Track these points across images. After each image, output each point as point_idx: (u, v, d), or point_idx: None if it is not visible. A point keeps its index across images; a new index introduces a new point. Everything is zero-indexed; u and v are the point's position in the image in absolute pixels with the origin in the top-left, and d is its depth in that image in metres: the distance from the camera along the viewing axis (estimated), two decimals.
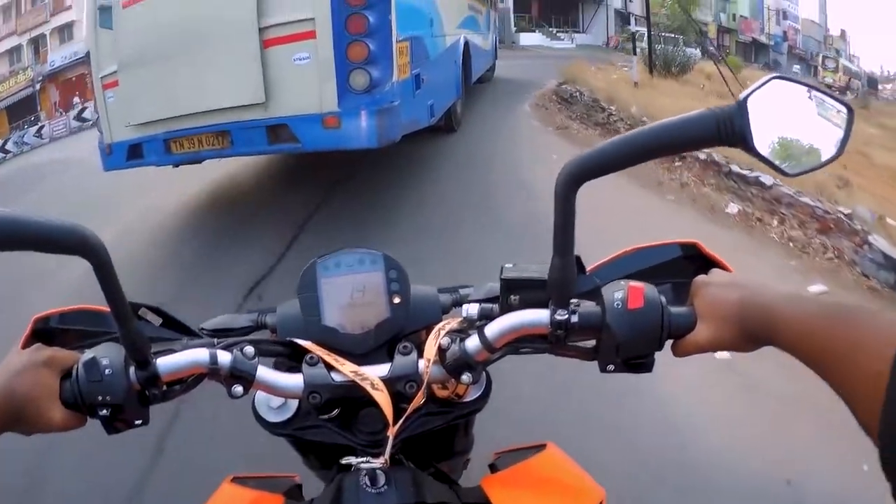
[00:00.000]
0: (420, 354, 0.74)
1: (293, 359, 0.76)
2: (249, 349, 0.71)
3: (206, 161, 5.03)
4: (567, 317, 0.68)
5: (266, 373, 0.71)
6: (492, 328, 0.71)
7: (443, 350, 0.72)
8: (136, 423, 0.70)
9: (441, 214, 4.80)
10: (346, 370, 0.72)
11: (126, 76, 4.59)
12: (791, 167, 0.62)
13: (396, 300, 0.79)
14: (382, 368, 0.73)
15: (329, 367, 0.73)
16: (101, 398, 0.66)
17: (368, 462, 0.71)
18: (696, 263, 0.81)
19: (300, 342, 0.75)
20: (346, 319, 0.78)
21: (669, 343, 0.69)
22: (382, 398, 0.70)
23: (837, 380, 0.52)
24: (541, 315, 0.69)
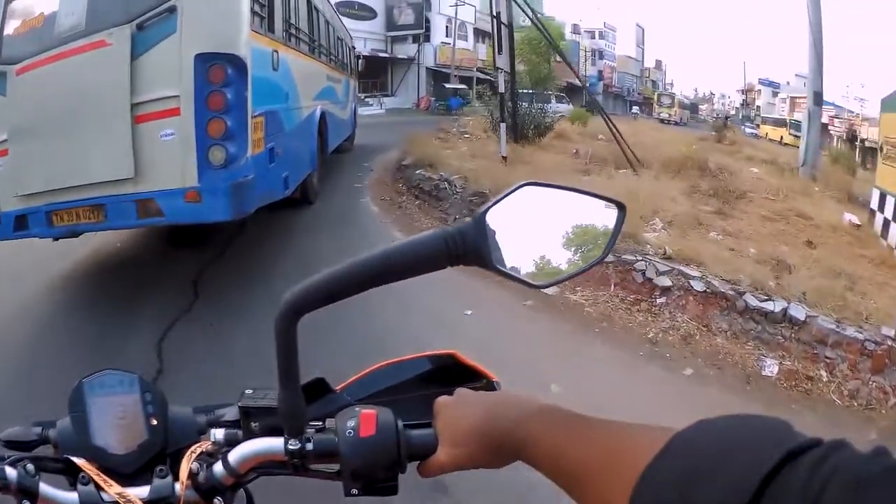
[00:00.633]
0: (177, 477, 0.74)
1: (73, 474, 0.76)
2: (31, 467, 0.71)
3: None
4: (300, 446, 0.69)
5: (48, 490, 0.72)
6: (233, 455, 0.72)
7: (194, 474, 0.73)
8: None
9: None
10: (113, 491, 0.72)
11: (15, 145, 4.61)
12: (540, 278, 0.61)
13: (153, 421, 0.79)
14: (145, 490, 0.74)
15: (98, 487, 0.73)
16: None
17: None
18: (456, 374, 0.82)
19: (74, 459, 0.75)
20: (113, 439, 0.79)
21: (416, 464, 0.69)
22: None
23: (586, 497, 0.50)
24: (276, 443, 0.71)
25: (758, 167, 14.75)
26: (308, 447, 0.69)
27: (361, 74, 15.89)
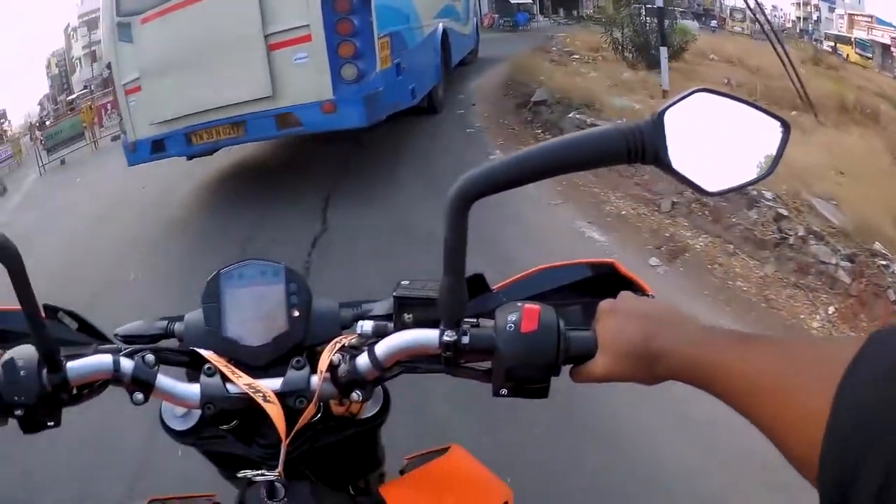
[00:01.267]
0: (314, 369, 0.72)
1: (196, 367, 0.75)
2: (150, 357, 0.71)
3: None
4: (456, 338, 0.66)
5: (165, 381, 0.71)
6: (381, 347, 0.70)
7: (335, 366, 0.71)
8: (49, 425, 0.70)
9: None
10: (241, 382, 0.71)
11: (148, 82, 5.34)
12: (712, 185, 0.60)
13: (295, 313, 0.79)
14: (277, 381, 0.72)
15: (226, 379, 0.72)
16: (16, 399, 0.67)
17: (263, 475, 0.72)
18: (613, 283, 0.78)
19: (200, 351, 0.75)
20: (247, 331, 0.78)
21: (568, 368, 0.67)
22: (275, 411, 0.69)
23: (767, 420, 0.48)
24: (431, 335, 0.68)
25: None
26: (464, 340, 0.67)
27: None
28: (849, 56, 32.29)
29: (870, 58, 31.18)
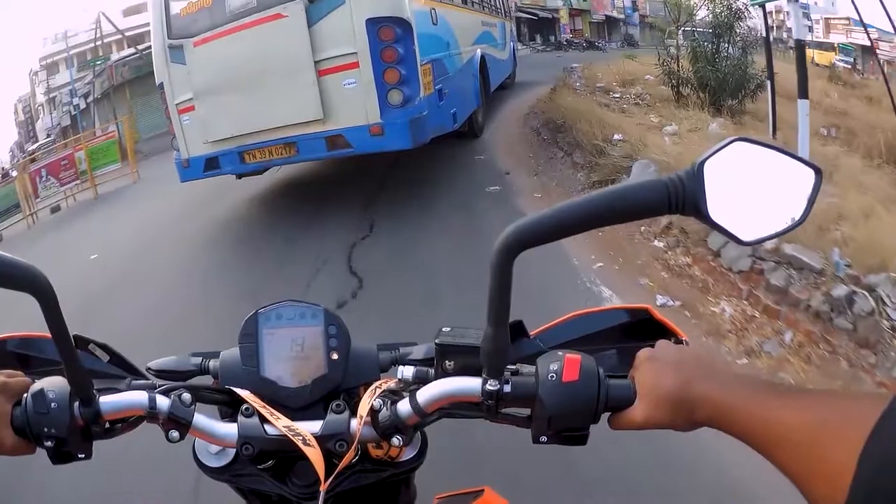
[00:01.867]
0: (353, 413, 0.73)
1: (231, 406, 0.76)
2: (187, 396, 0.71)
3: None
4: (499, 387, 0.67)
5: (202, 420, 0.72)
6: (423, 393, 0.71)
7: (375, 411, 0.72)
8: (80, 457, 0.70)
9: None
10: (280, 424, 0.71)
11: (201, 102, 5.62)
12: (747, 234, 0.61)
13: (334, 356, 0.79)
14: (316, 424, 0.73)
15: (263, 420, 0.72)
16: (47, 430, 0.67)
17: None
18: (648, 329, 0.79)
19: (238, 391, 0.75)
20: (285, 372, 0.78)
21: (607, 415, 0.68)
22: (314, 454, 0.69)
23: (795, 470, 0.50)
24: (473, 383, 0.69)
25: None
26: (506, 389, 0.68)
27: None
28: (832, 63, 30.59)
29: (852, 64, 30.01)
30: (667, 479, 2.27)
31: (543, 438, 0.68)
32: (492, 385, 0.67)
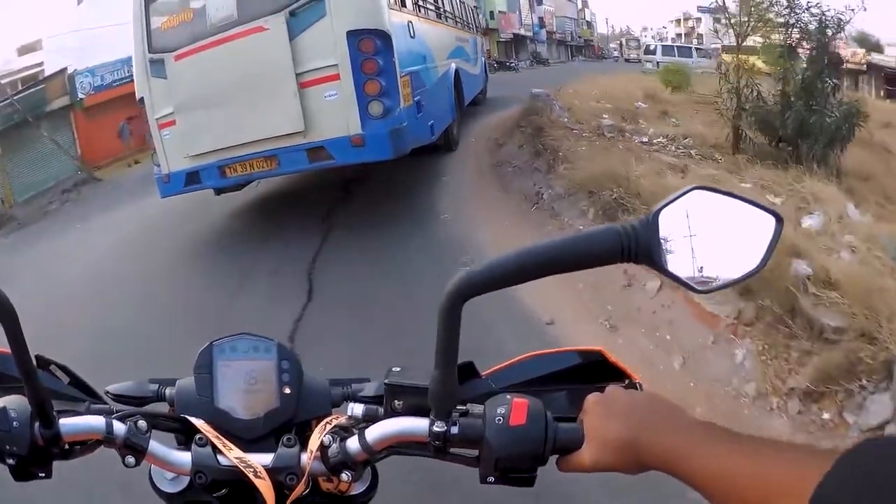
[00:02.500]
0: (304, 447, 0.74)
1: (186, 434, 0.76)
2: (143, 423, 0.72)
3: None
4: (446, 429, 0.68)
5: (157, 447, 0.72)
6: (372, 432, 0.72)
7: (325, 446, 0.73)
8: (40, 476, 0.71)
9: None
10: (232, 455, 0.72)
11: (182, 116, 5.56)
12: (703, 284, 0.61)
13: (287, 390, 0.79)
14: (267, 457, 0.74)
15: (216, 450, 0.73)
16: (8, 448, 0.68)
17: None
18: (601, 371, 0.80)
19: (193, 420, 0.75)
20: (238, 404, 0.79)
21: (555, 457, 0.68)
22: (265, 486, 0.71)
23: None
24: (420, 424, 0.70)
25: None
26: (453, 430, 0.69)
27: None
28: (754, 66, 28.92)
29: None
30: None
31: (490, 479, 0.69)
32: (439, 426, 0.69)
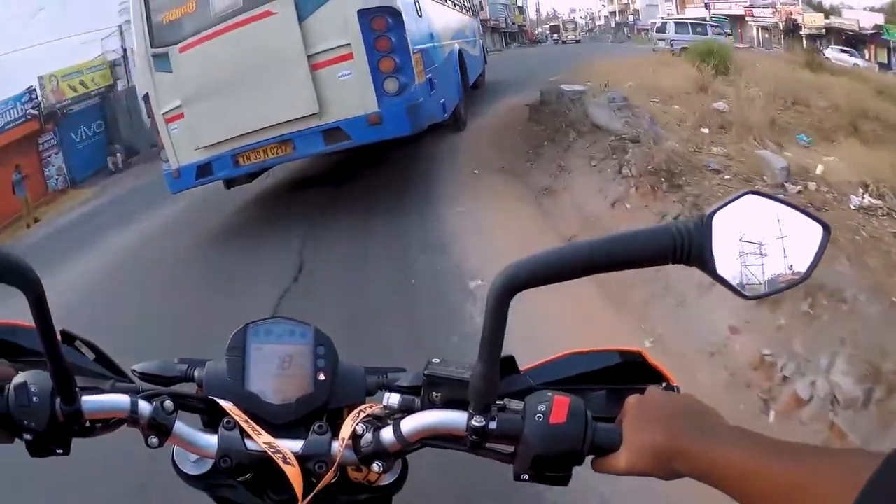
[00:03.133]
0: (335, 435, 0.73)
1: (213, 417, 0.75)
2: (169, 403, 0.71)
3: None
4: (484, 424, 0.67)
5: (183, 429, 0.72)
6: (407, 423, 0.71)
7: (357, 435, 0.72)
8: (57, 452, 0.70)
9: None
10: (261, 440, 0.71)
11: (190, 108, 5.50)
12: (752, 290, 0.60)
13: (321, 376, 0.78)
14: (297, 443, 0.73)
15: (244, 434, 0.72)
16: (27, 423, 0.67)
17: None
18: (640, 372, 0.79)
19: (221, 403, 0.75)
20: (269, 388, 0.78)
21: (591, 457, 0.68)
22: (293, 473, 0.70)
23: None
24: (459, 418, 0.69)
25: None
26: (492, 425, 0.68)
27: None
28: None
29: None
30: None
31: (525, 476, 0.68)
32: (478, 421, 0.68)
